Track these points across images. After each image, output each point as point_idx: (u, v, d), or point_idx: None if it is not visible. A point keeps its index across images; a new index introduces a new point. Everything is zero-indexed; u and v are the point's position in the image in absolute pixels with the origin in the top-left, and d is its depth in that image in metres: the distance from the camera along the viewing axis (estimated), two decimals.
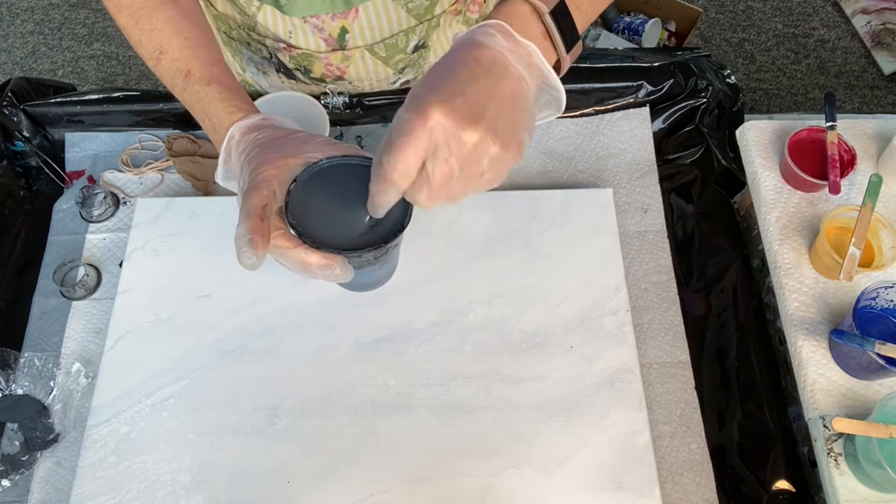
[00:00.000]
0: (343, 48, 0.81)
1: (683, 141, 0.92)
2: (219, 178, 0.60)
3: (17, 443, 0.73)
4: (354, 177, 0.54)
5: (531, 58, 0.48)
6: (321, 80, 0.86)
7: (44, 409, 0.74)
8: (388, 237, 0.53)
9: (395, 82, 0.89)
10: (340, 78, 0.86)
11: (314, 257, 0.51)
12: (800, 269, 0.76)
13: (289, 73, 0.86)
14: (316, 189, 0.54)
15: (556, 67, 0.50)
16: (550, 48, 0.50)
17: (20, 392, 0.75)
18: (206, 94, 0.60)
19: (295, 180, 0.53)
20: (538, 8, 0.49)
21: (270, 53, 0.83)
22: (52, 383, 0.75)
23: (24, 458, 0.72)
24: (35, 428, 0.73)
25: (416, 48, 0.84)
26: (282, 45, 0.81)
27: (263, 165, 0.52)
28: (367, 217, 0.53)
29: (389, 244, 0.53)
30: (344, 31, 0.78)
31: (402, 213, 0.54)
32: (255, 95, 0.95)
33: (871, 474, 0.64)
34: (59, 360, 0.77)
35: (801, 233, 0.78)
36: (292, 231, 0.52)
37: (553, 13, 0.49)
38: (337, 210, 0.54)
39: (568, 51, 0.50)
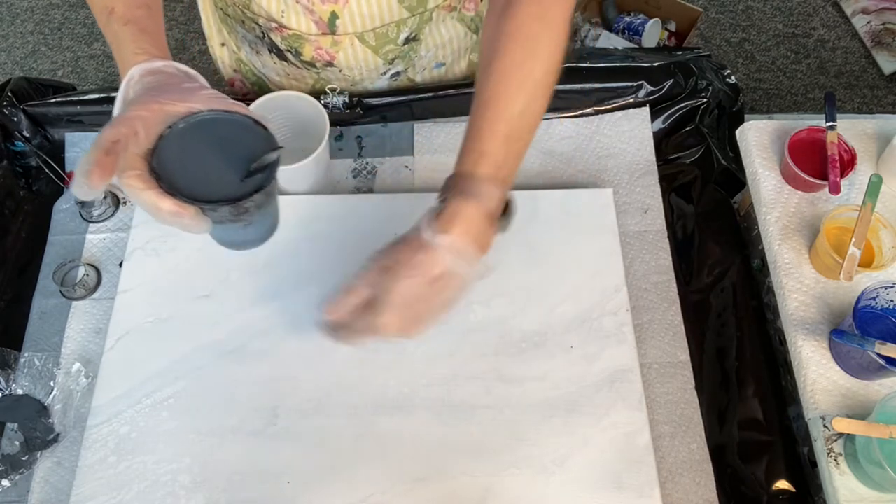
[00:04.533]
0: (333, 33, 0.81)
1: (683, 141, 0.92)
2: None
3: (17, 443, 0.73)
4: (234, 132, 0.54)
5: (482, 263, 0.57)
6: (311, 63, 0.86)
7: (44, 409, 0.74)
8: (243, 195, 0.52)
9: (385, 73, 0.89)
10: (330, 64, 0.86)
11: (166, 203, 0.51)
12: (800, 269, 0.76)
13: (280, 54, 0.87)
14: (192, 139, 0.53)
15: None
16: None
17: (20, 392, 0.75)
18: (121, 33, 0.59)
19: (170, 126, 0.53)
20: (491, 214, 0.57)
21: (263, 33, 0.84)
22: (52, 383, 0.75)
23: (24, 458, 0.72)
24: (35, 428, 0.73)
25: (407, 40, 0.85)
26: (274, 24, 0.82)
27: (135, 106, 0.52)
28: (240, 174, 0.53)
29: (243, 202, 0.52)
30: (334, 15, 0.79)
31: (265, 176, 0.53)
32: (251, 77, 0.96)
33: (871, 474, 0.64)
34: (59, 360, 0.77)
35: (801, 233, 0.78)
36: (151, 174, 0.52)
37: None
38: (209, 163, 0.53)
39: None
